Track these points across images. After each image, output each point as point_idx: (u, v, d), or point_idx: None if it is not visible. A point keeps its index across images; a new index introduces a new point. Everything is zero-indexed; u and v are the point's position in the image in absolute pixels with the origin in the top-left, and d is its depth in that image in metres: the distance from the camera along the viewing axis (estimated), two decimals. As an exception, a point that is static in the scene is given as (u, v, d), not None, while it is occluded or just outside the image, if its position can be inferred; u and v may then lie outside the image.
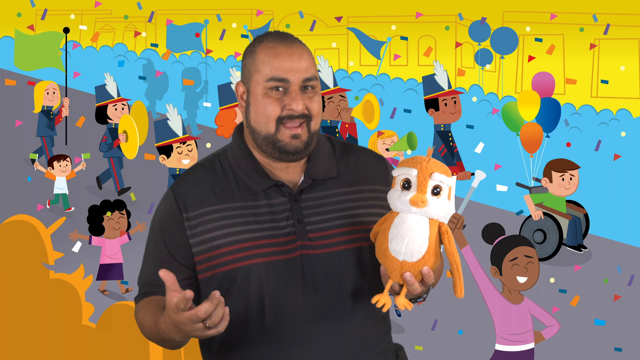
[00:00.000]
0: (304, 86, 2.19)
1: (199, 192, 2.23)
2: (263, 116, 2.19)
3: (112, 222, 6.27)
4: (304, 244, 2.19)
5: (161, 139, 6.73)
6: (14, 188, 9.32)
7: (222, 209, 2.20)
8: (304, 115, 2.19)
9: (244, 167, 2.24)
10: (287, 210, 2.21)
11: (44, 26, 12.06)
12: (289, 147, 2.19)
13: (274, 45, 2.21)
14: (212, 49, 11.69)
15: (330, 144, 2.34)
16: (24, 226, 3.38)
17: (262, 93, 2.19)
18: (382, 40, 9.53)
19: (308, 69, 2.20)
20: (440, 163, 2.08)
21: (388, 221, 2.08)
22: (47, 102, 9.84)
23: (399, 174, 2.08)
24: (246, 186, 2.22)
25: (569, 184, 7.17)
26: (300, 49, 2.22)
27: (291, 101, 2.17)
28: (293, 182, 2.26)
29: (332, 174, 2.28)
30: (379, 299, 2.08)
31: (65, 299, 3.27)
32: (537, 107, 7.90)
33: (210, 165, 2.28)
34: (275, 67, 2.18)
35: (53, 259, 3.28)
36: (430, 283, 2.09)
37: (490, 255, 4.28)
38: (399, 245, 2.04)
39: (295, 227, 2.20)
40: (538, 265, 4.23)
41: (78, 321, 3.29)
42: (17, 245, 3.40)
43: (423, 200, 2.03)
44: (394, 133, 8.05)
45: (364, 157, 2.35)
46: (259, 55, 2.21)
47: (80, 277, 3.24)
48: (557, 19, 9.58)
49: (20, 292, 3.42)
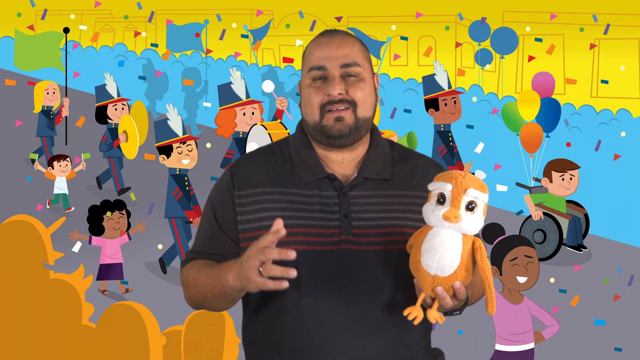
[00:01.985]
0: (346, 74, 2.24)
1: (254, 173, 2.29)
2: (309, 105, 2.26)
3: (112, 222, 6.27)
4: (348, 239, 2.22)
5: (161, 139, 6.73)
6: (14, 188, 9.31)
7: (274, 192, 2.26)
8: (345, 100, 2.23)
9: (301, 156, 2.29)
10: (336, 204, 2.24)
11: (44, 26, 12.08)
12: (332, 130, 2.24)
13: (318, 38, 2.29)
14: (212, 49, 11.69)
15: (390, 147, 2.37)
16: (24, 226, 3.38)
17: (307, 84, 2.26)
18: (382, 40, 9.52)
19: (347, 55, 2.24)
20: (477, 178, 2.08)
21: (422, 234, 2.08)
22: (47, 102, 9.85)
23: (434, 188, 2.07)
24: (300, 175, 2.27)
25: (569, 184, 7.17)
26: (342, 38, 2.27)
27: (328, 87, 2.22)
28: (346, 176, 2.29)
29: (385, 175, 2.30)
30: (410, 311, 2.08)
31: (65, 299, 3.29)
32: (537, 107, 7.90)
33: (271, 150, 2.35)
34: (315, 57, 2.25)
35: (53, 259, 3.30)
36: (462, 298, 2.09)
37: (490, 255, 4.28)
38: (431, 259, 2.04)
39: (341, 221, 2.23)
40: (538, 265, 4.24)
41: (78, 321, 3.29)
42: (17, 245, 3.41)
43: (456, 215, 2.03)
44: (394, 133, 8.05)
45: (422, 165, 2.36)
46: (306, 51, 2.30)
47: (80, 277, 3.24)
48: (557, 19, 9.58)
49: (20, 292, 3.42)
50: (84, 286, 3.24)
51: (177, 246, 6.72)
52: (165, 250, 6.96)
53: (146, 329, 3.15)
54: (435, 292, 2.05)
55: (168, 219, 6.72)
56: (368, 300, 2.20)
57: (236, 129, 7.75)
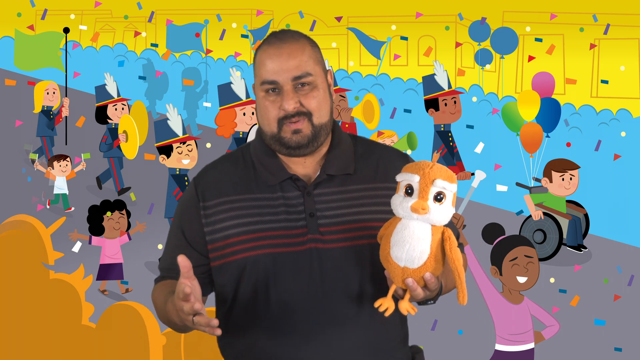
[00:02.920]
0: (298, 84, 2.22)
1: (218, 183, 2.29)
2: (265, 118, 2.25)
3: (112, 222, 6.27)
4: (315, 238, 2.22)
5: (161, 139, 6.73)
6: (14, 188, 9.30)
7: (238, 200, 2.26)
8: (300, 112, 2.22)
9: (263, 160, 2.29)
10: (301, 204, 2.24)
11: (44, 26, 12.06)
12: (291, 142, 2.23)
13: (266, 47, 2.26)
14: (212, 49, 11.70)
15: (353, 141, 2.36)
16: (24, 226, 3.39)
17: (261, 96, 2.25)
18: (382, 40, 9.53)
19: (298, 66, 2.22)
20: (445, 168, 2.05)
21: (392, 226, 2.07)
22: (47, 102, 9.85)
23: (402, 179, 2.05)
24: (263, 178, 2.27)
25: (569, 184, 7.15)
26: (291, 47, 2.24)
27: (282, 101, 2.21)
28: (309, 176, 2.29)
29: (348, 170, 2.29)
30: (381, 302, 2.07)
31: (65, 299, 3.30)
32: (537, 107, 7.89)
33: (234, 158, 2.34)
34: (265, 71, 2.24)
35: (53, 259, 3.30)
36: (433, 288, 2.08)
37: (490, 255, 4.28)
38: (400, 251, 2.03)
39: (307, 221, 2.22)
40: (538, 265, 4.23)
41: (78, 321, 3.30)
42: (18, 245, 3.41)
43: (424, 207, 2.01)
44: (394, 133, 8.05)
45: (386, 155, 2.35)
46: (255, 60, 2.29)
47: (80, 277, 3.25)
48: (557, 19, 9.57)
49: (21, 291, 3.43)
50: (84, 286, 3.25)
51: (177, 246, 6.68)
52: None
53: (146, 329, 3.16)
54: (406, 283, 2.04)
55: (168, 219, 6.71)
56: (340, 296, 2.21)
57: (236, 129, 7.75)
